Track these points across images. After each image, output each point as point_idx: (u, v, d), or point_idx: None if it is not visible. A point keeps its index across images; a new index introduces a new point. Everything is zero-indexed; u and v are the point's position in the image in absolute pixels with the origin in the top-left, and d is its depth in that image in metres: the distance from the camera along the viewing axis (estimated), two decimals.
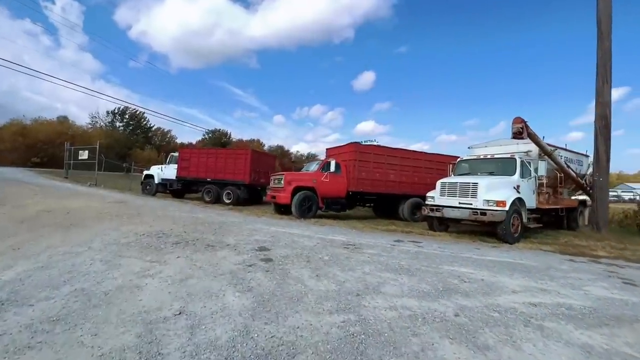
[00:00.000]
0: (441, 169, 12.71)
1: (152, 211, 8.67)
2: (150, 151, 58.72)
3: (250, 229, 6.82)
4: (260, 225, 7.59)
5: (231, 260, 4.41)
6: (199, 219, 7.89)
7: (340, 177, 10.89)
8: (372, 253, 5.32)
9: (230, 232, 6.33)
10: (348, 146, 11.34)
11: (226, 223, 7.46)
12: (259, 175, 15.54)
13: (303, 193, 10.02)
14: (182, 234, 5.91)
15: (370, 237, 7.07)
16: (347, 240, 6.32)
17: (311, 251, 5.15)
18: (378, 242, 6.39)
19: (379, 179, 11.45)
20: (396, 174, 11.79)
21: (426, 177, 12.39)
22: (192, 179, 16.14)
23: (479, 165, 9.16)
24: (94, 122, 62.20)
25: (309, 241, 5.96)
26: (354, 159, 11.01)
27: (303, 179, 10.43)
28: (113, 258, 4.30)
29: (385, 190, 11.57)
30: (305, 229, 7.46)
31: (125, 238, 5.40)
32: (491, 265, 5.00)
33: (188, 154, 16.50)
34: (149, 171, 17.68)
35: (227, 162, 15.24)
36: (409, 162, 12.07)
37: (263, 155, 16.14)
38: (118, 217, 7.33)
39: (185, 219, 7.71)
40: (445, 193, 8.55)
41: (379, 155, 11.49)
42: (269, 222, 8.32)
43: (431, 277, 4.13)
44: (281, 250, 5.12)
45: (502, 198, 7.49)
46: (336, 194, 10.84)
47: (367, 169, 11.26)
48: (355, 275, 4.05)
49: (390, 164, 11.70)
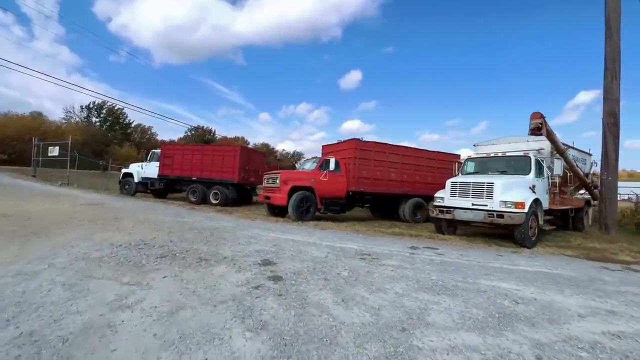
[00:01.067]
0: (442, 167, 12.23)
1: (131, 215, 7.65)
2: (130, 148, 56.22)
3: (247, 236, 5.96)
4: (257, 230, 6.75)
5: (232, 280, 3.57)
6: (186, 223, 6.96)
7: (340, 176, 10.15)
8: (394, 265, 4.60)
9: (225, 240, 5.46)
10: (348, 142, 10.61)
11: (218, 229, 6.56)
12: (248, 174, 14.62)
13: (301, 193, 9.21)
14: (168, 243, 4.99)
15: (381, 244, 6.36)
16: (360, 249, 5.58)
17: (324, 265, 4.37)
18: (393, 250, 5.68)
19: (380, 178, 10.78)
20: (397, 173, 11.16)
21: (427, 176, 11.86)
22: (176, 178, 15.02)
23: (489, 164, 8.63)
24: (69, 117, 58.99)
25: (317, 251, 5.17)
26: (354, 156, 10.28)
27: (300, 178, 9.62)
28: (80, 280, 3.38)
29: (386, 190, 10.92)
30: (308, 235, 6.67)
31: (97, 251, 4.44)
32: (530, 278, 4.37)
33: (171, 150, 15.33)
34: (127, 169, 16.38)
35: (215, 159, 14.22)
36: (410, 160, 11.47)
37: (253, 152, 15.19)
38: (91, 222, 6.31)
39: (171, 224, 6.76)
40: (456, 193, 7.94)
41: (379, 153, 10.82)
42: (265, 227, 7.47)
43: (477, 298, 3.44)
44: (289, 263, 4.32)
45: (520, 199, 6.95)
46: (335, 194, 10.09)
47: (368, 167, 10.57)
48: (388, 298, 3.30)
49: (392, 162, 11.06)
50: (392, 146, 11.17)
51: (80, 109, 59.51)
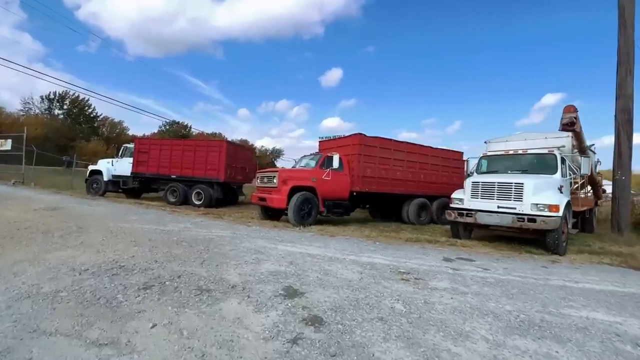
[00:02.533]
0: (446, 165, 11.58)
1: (100, 222, 6.28)
2: (98, 143, 52.51)
3: (251, 250, 4.84)
4: (261, 241, 5.62)
5: (254, 328, 2.48)
6: (171, 233, 5.71)
7: (343, 175, 9.16)
8: (447, 289, 3.67)
9: (226, 258, 4.32)
10: (351, 138, 9.62)
11: (212, 240, 5.38)
12: (235, 172, 13.33)
13: (302, 194, 8.13)
14: (152, 265, 3.79)
15: (409, 255, 5.43)
16: (392, 264, 4.61)
17: (366, 293, 3.36)
18: (429, 265, 4.77)
19: (385, 177, 9.90)
20: (402, 171, 10.33)
21: (431, 175, 11.14)
22: (152, 176, 13.45)
23: (509, 162, 7.93)
24: (27, 109, 54.13)
25: (345, 269, 4.16)
26: (358, 153, 9.32)
27: (302, 177, 8.52)
28: (19, 340, 2.17)
29: (391, 190, 10.06)
30: (322, 246, 5.63)
31: (52, 281, 3.20)
32: (614, 302, 3.58)
33: (147, 145, 13.72)
34: (95, 166, 14.57)
35: (197, 155, 12.81)
36: (415, 158, 10.67)
37: (240, 148, 13.90)
38: (46, 235, 4.94)
39: (152, 234, 5.50)
40: (478, 194, 7.18)
41: (384, 149, 9.94)
42: (268, 235, 6.34)
43: (587, 342, 2.57)
44: (320, 292, 3.28)
45: (554, 201, 6.26)
46: (338, 195, 9.10)
47: (373, 165, 9.65)
48: (480, 350, 2.35)
49: (397, 159, 10.21)
50: (397, 142, 10.32)
51: (41, 99, 54.76)
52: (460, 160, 12.14)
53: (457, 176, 11.98)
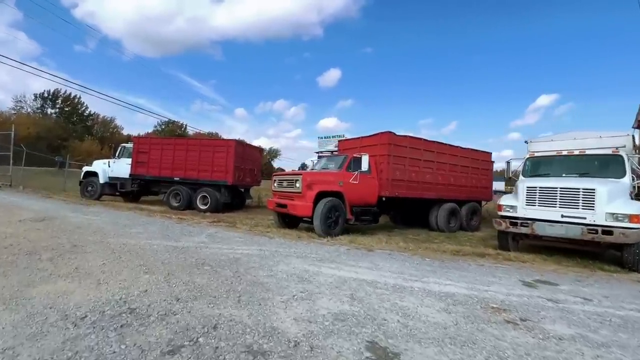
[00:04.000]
0: (476, 167, 10.70)
1: (99, 237, 5.24)
2: (92, 143, 51.01)
3: (292, 276, 3.85)
4: (297, 261, 4.63)
5: None
6: (186, 251, 4.69)
7: (371, 178, 8.20)
8: (573, 336, 2.73)
9: (266, 290, 3.33)
10: (379, 136, 8.65)
11: (239, 261, 4.38)
12: (243, 174, 12.32)
13: (329, 201, 7.15)
14: (173, 306, 2.80)
15: (475, 276, 4.48)
16: (473, 295, 3.66)
17: (479, 349, 2.40)
18: (515, 295, 3.82)
19: (415, 180, 8.97)
20: (432, 174, 9.41)
21: (461, 178, 10.23)
22: (153, 178, 12.38)
23: (563, 164, 7.04)
24: (19, 107, 52.44)
25: (424, 306, 3.19)
26: (387, 153, 8.37)
27: (328, 181, 7.53)
28: None
29: (421, 195, 9.14)
30: (369, 265, 4.65)
31: (33, 342, 2.18)
32: None
33: (147, 144, 12.65)
34: (91, 167, 13.45)
35: (203, 156, 11.79)
36: (445, 159, 9.76)
37: (248, 148, 12.85)
38: (31, 257, 3.91)
39: (163, 253, 4.48)
40: (535, 201, 6.28)
41: (414, 150, 9.01)
42: (298, 251, 5.34)
43: None
44: (420, 353, 2.31)
45: (635, 211, 5.37)
46: (366, 201, 8.14)
47: (402, 167, 8.72)
48: None
49: (427, 160, 9.29)
50: (426, 141, 9.39)
51: (34, 97, 53.12)
52: (489, 161, 11.30)
53: (486, 179, 11.13)
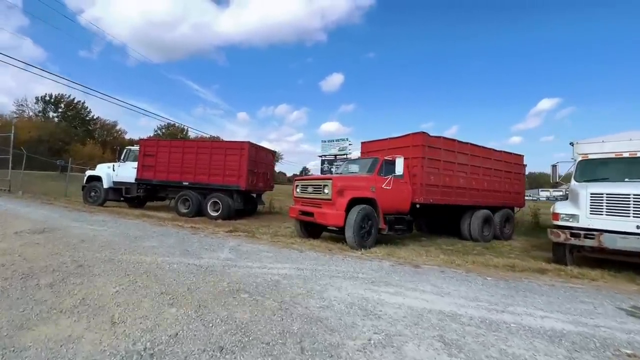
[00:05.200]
0: (509, 171, 9.94)
1: (109, 254, 4.48)
2: (93, 146, 50.41)
3: (352, 307, 3.08)
4: (347, 283, 3.85)
5: None
6: (214, 272, 3.92)
7: (403, 183, 7.44)
8: None
9: (330, 330, 2.56)
10: (411, 137, 7.89)
11: (280, 285, 3.60)
12: (256, 178, 11.56)
13: (362, 208, 6.38)
14: None
15: (562, 303, 3.70)
16: (584, 332, 2.88)
17: None
18: (632, 330, 3.04)
19: (448, 185, 8.21)
20: (466, 178, 8.65)
21: (494, 182, 9.47)
22: (160, 183, 11.63)
23: (625, 167, 6.26)
24: (21, 111, 51.97)
25: (542, 354, 2.41)
26: (421, 156, 7.62)
27: (360, 187, 6.76)
28: None
29: (456, 201, 8.37)
30: (433, 289, 3.87)
31: None
32: None
33: (154, 147, 11.90)
34: (94, 172, 12.71)
35: (214, 159, 11.04)
36: (478, 162, 9.00)
37: (261, 150, 12.09)
38: (27, 282, 3.16)
39: (188, 275, 3.71)
40: (602, 210, 5.51)
41: (448, 152, 8.26)
42: (342, 270, 4.56)
43: None
44: None
45: None
46: (399, 208, 7.37)
47: (436, 170, 7.96)
48: None
49: (460, 163, 8.54)
50: (460, 143, 8.63)
51: (35, 100, 52.67)
52: (521, 164, 10.54)
53: (518, 183, 10.37)
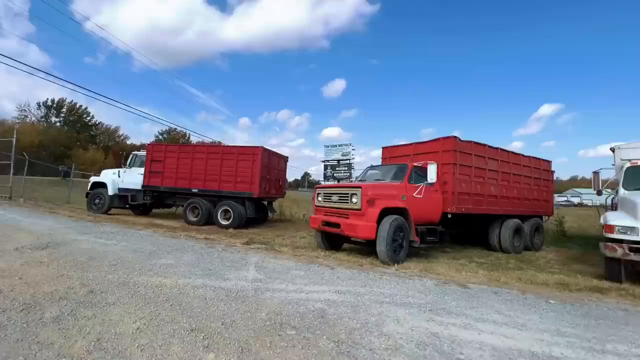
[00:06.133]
0: (538, 177, 9.40)
1: (123, 275, 3.92)
2: (96, 152, 50.01)
3: (426, 348, 2.52)
4: (403, 312, 3.29)
5: None
6: (246, 298, 3.37)
7: (434, 191, 6.90)
8: None
9: None
10: (441, 142, 7.36)
11: (328, 316, 3.04)
12: (269, 185, 11.03)
13: (394, 219, 5.83)
14: None
15: None
16: None
17: None
18: None
19: (479, 193, 7.66)
20: (496, 186, 8.10)
21: (524, 189, 8.92)
22: (168, 190, 11.11)
23: None
24: (23, 116, 51.70)
25: None
26: (452, 162, 7.09)
27: (391, 195, 6.21)
28: None
29: (486, 210, 7.82)
30: (505, 320, 3.30)
31: None
32: None
33: (162, 152, 11.39)
34: (99, 178, 12.18)
35: (225, 165, 10.52)
36: (507, 168, 8.46)
37: (274, 155, 11.59)
38: (28, 314, 2.62)
39: (219, 304, 3.15)
40: None
41: (479, 158, 7.73)
42: (389, 293, 3.99)
43: None
44: None
45: None
46: (429, 218, 6.83)
47: (467, 177, 7.43)
48: None
49: (491, 169, 8.00)
50: (490, 148, 8.10)
51: (37, 106, 52.43)
52: (549, 171, 10.00)
53: (547, 191, 9.81)
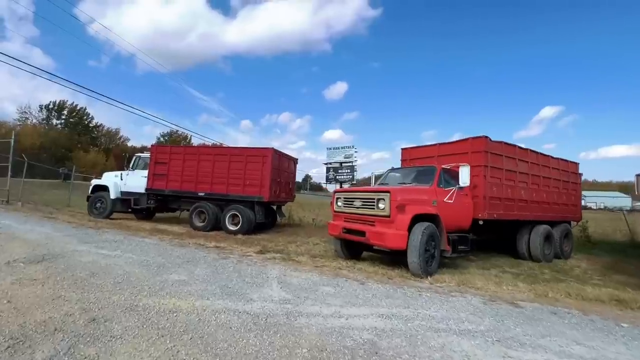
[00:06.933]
0: (567, 180, 8.84)
1: (129, 297, 3.38)
2: (97, 154, 49.62)
3: None
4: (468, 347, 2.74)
5: None
6: (279, 328, 2.82)
7: (464, 195, 6.35)
8: None
9: None
10: (470, 143, 6.82)
11: (382, 351, 2.49)
12: (279, 188, 10.49)
13: (426, 227, 5.28)
14: None
15: None
16: None
17: None
18: None
19: (510, 198, 7.11)
20: (527, 189, 7.56)
21: (553, 193, 8.37)
22: (173, 193, 10.57)
23: None
24: (24, 118, 51.35)
25: None
26: (483, 164, 6.55)
27: (421, 200, 5.65)
28: None
29: (517, 215, 7.26)
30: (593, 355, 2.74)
31: None
32: None
33: (166, 154, 10.87)
34: (100, 180, 11.66)
35: (233, 167, 9.98)
36: (537, 170, 7.91)
37: (284, 157, 11.06)
38: (15, 354, 2.04)
39: (245, 335, 2.61)
40: None
41: (509, 160, 7.19)
42: (431, 314, 3.45)
43: None
44: None
45: None
46: (460, 225, 6.27)
47: (498, 181, 6.89)
48: None
49: (521, 172, 7.46)
50: (521, 149, 7.56)
51: (39, 108, 52.07)
52: (577, 173, 9.44)
53: (575, 195, 9.25)
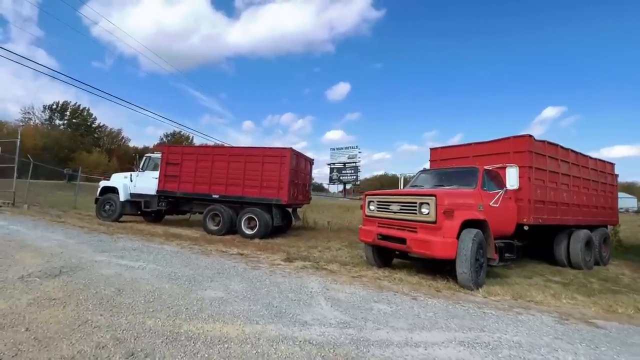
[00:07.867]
0: (604, 182, 8.36)
1: (166, 322, 2.91)
2: (100, 154, 49.31)
3: None
4: None
5: None
6: None
7: (508, 199, 5.88)
8: None
9: None
10: (512, 142, 6.34)
11: None
12: (297, 190, 10.03)
13: (475, 234, 4.80)
14: None
15: None
16: None
17: None
18: None
19: (553, 201, 6.64)
20: (568, 192, 7.08)
21: (591, 196, 7.88)
22: (186, 195, 10.12)
23: None
24: (27, 119, 51.09)
25: None
26: (527, 164, 6.07)
27: (469, 205, 5.16)
28: None
29: (560, 220, 6.78)
30: None
31: None
32: None
33: (178, 154, 10.40)
34: (109, 182, 11.20)
35: (249, 168, 9.51)
36: (577, 171, 7.43)
37: (301, 158, 10.60)
38: None
39: None
40: None
41: (552, 160, 6.71)
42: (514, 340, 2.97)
43: None
44: None
45: None
46: (505, 231, 5.79)
47: (542, 183, 6.41)
48: None
49: (563, 174, 6.98)
50: (563, 149, 7.07)
51: (43, 109, 51.82)
52: (613, 174, 8.95)
53: (612, 197, 8.76)
